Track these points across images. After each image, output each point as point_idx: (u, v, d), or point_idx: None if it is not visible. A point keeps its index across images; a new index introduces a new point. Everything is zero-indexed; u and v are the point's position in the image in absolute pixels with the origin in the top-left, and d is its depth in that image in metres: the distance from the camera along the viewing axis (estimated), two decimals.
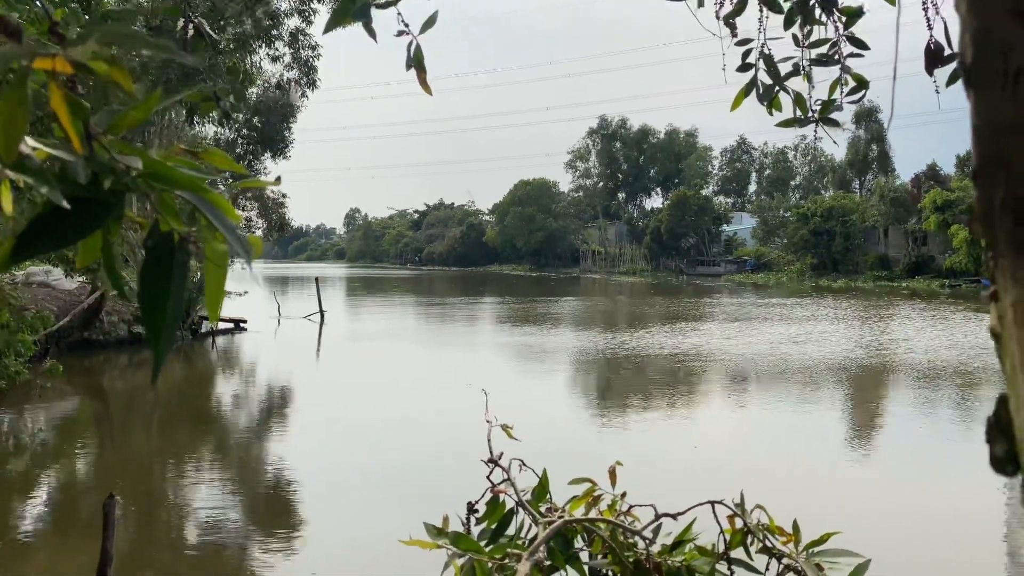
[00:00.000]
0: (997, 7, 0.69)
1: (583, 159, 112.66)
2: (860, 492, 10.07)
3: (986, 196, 0.74)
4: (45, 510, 9.80)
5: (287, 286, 62.36)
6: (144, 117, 0.88)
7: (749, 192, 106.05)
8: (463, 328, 32.53)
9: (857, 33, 3.24)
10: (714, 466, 10.90)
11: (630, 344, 24.73)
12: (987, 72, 0.72)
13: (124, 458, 12.38)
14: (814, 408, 15.36)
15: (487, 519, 2.43)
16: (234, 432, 14.38)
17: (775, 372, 19.27)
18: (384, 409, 15.34)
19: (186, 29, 3.32)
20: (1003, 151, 0.71)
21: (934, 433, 13.60)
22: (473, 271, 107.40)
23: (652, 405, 15.81)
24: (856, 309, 38.59)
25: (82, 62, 0.76)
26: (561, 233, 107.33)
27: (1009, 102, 0.70)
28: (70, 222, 0.85)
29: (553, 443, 11.19)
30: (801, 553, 2.25)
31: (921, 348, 23.10)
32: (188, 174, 0.83)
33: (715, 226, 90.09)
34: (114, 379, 20.43)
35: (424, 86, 2.42)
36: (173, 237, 0.86)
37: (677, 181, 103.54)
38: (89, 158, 0.84)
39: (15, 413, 14.94)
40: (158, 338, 0.87)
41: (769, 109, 3.11)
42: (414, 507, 8.84)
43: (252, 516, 9.53)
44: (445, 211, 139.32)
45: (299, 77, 25.69)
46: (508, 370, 20.56)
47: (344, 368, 22.28)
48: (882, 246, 69.40)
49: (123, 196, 0.85)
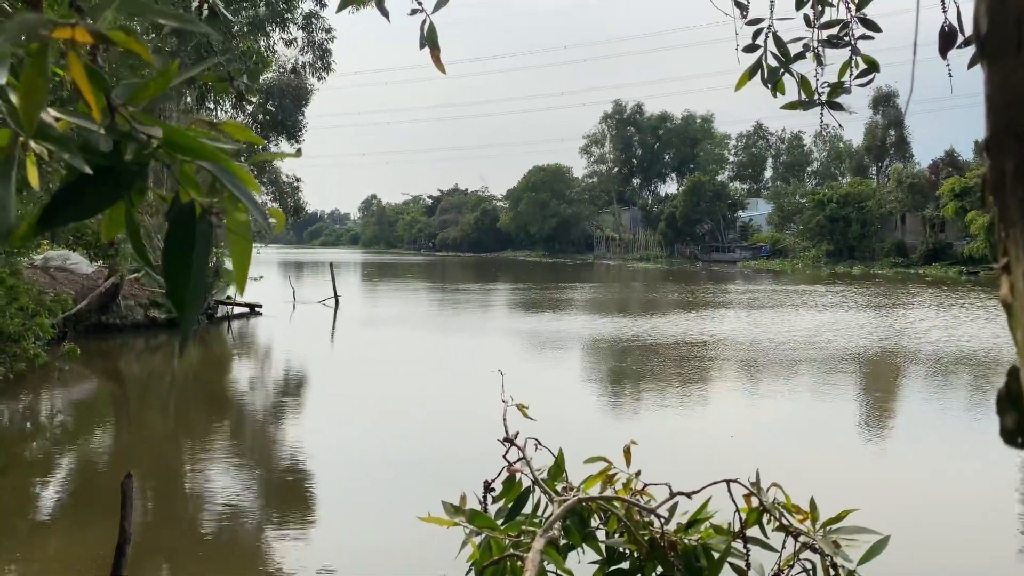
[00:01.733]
0: None
1: (598, 144, 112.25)
2: (878, 472, 10.06)
3: (998, 166, 0.75)
4: (64, 490, 9.94)
5: (302, 271, 62.61)
6: (163, 89, 0.90)
7: (765, 178, 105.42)
8: (478, 314, 32.57)
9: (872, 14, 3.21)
10: (730, 447, 10.90)
11: (646, 330, 24.71)
12: (1001, 42, 0.72)
13: (141, 440, 12.51)
14: (832, 392, 15.33)
15: (504, 498, 2.45)
16: (249, 415, 14.50)
17: (792, 358, 19.22)
18: (399, 392, 15.42)
19: (200, 9, 3.34)
20: (1015, 120, 0.71)
21: (953, 415, 13.54)
22: (487, 257, 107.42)
23: (668, 389, 15.81)
24: (873, 296, 38.37)
25: (102, 32, 0.78)
26: (575, 219, 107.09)
27: (1022, 71, 0.70)
28: (94, 192, 0.86)
29: (569, 424, 11.21)
30: (818, 531, 2.25)
31: (939, 334, 22.97)
32: (209, 144, 0.84)
33: (730, 212, 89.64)
34: (131, 362, 20.61)
35: (438, 64, 2.42)
36: (195, 208, 0.87)
37: (692, 167, 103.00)
38: (111, 128, 0.85)
39: (34, 395, 15.12)
40: (184, 310, 0.89)
41: (773, 91, 3.09)
42: (431, 488, 8.89)
43: (267, 498, 9.62)
44: (459, 197, 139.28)
45: (313, 61, 25.68)
46: (524, 355, 20.59)
47: (359, 352, 22.38)
48: (899, 233, 68.85)
49: (146, 166, 0.87)
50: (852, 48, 3.22)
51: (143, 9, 0.82)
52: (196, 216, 0.87)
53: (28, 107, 0.79)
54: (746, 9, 3.41)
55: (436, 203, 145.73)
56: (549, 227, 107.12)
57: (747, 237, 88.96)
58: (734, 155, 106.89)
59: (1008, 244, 0.80)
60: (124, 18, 0.91)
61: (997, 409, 0.87)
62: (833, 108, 3.30)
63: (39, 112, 0.79)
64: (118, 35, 0.78)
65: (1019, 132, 0.72)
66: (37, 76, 0.79)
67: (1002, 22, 0.72)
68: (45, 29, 0.77)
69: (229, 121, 0.93)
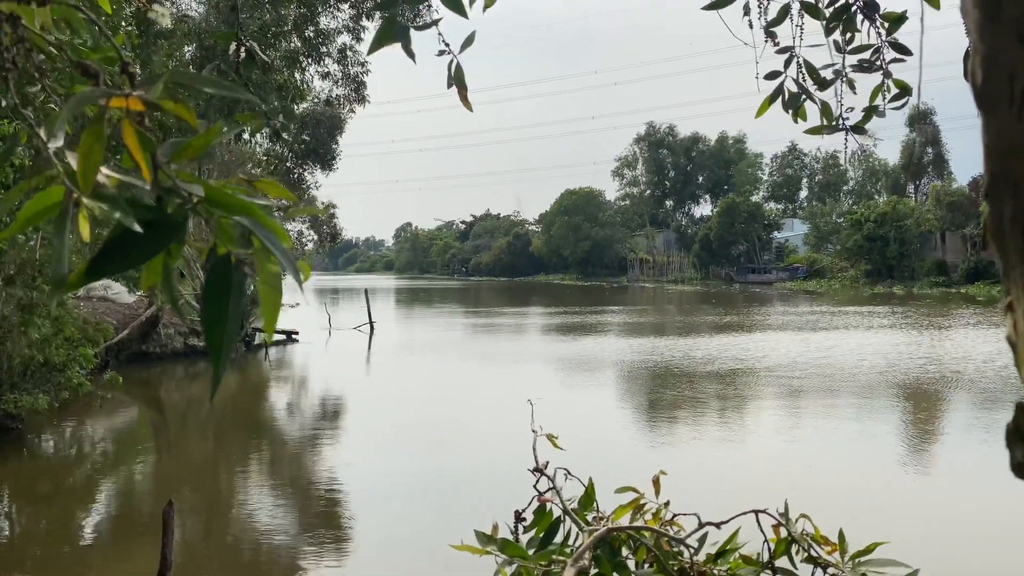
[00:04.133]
0: (1004, 33, 0.73)
1: (630, 167, 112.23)
2: (910, 504, 9.86)
3: (997, 212, 0.77)
4: (106, 517, 10.10)
5: (338, 297, 63.19)
6: (206, 147, 0.96)
7: (800, 198, 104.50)
8: (512, 339, 32.59)
9: (901, 36, 3.22)
10: (761, 477, 10.77)
11: (682, 353, 24.54)
12: (995, 95, 0.75)
13: (181, 466, 12.69)
14: (867, 420, 15.07)
15: (534, 527, 2.47)
16: (287, 441, 14.64)
17: (830, 383, 18.95)
18: (434, 419, 15.47)
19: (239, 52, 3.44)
20: (1011, 170, 0.74)
21: (989, 445, 13.24)
22: (520, 281, 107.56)
23: (702, 415, 15.66)
24: (914, 316, 37.73)
25: (153, 101, 0.84)
26: (608, 242, 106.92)
27: (1016, 123, 0.73)
28: (138, 245, 0.92)
29: (600, 451, 11.18)
30: (847, 563, 2.24)
31: (979, 358, 22.50)
32: (244, 200, 0.90)
33: (766, 233, 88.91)
34: (171, 390, 20.94)
35: (465, 103, 2.48)
36: (230, 259, 0.93)
37: (726, 188, 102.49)
38: (155, 185, 0.91)
39: (77, 423, 15.42)
40: (219, 354, 0.94)
41: (794, 117, 3.11)
42: (464, 516, 8.91)
43: (304, 524, 9.69)
44: (491, 221, 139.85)
45: (348, 93, 26.09)
46: (558, 382, 20.55)
47: (394, 378, 22.50)
48: (939, 251, 67.72)
49: (186, 221, 0.92)
50: (884, 72, 3.23)
51: (191, 80, 0.88)
52: (231, 266, 0.92)
53: (86, 169, 0.85)
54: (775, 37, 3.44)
55: (469, 228, 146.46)
56: (582, 250, 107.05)
57: (783, 258, 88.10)
58: (768, 175, 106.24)
59: (1011, 285, 0.82)
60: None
61: (1007, 443, 0.89)
62: (856, 132, 3.31)
63: (95, 174, 0.86)
64: (167, 104, 0.84)
65: (1015, 180, 0.75)
66: (95, 140, 0.85)
67: (996, 76, 0.75)
68: (103, 99, 0.83)
69: (265, 179, 0.99)
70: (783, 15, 3.34)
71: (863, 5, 3.24)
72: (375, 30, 2.53)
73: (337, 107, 27.02)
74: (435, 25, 2.33)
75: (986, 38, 0.75)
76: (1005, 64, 0.75)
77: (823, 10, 3.26)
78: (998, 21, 0.73)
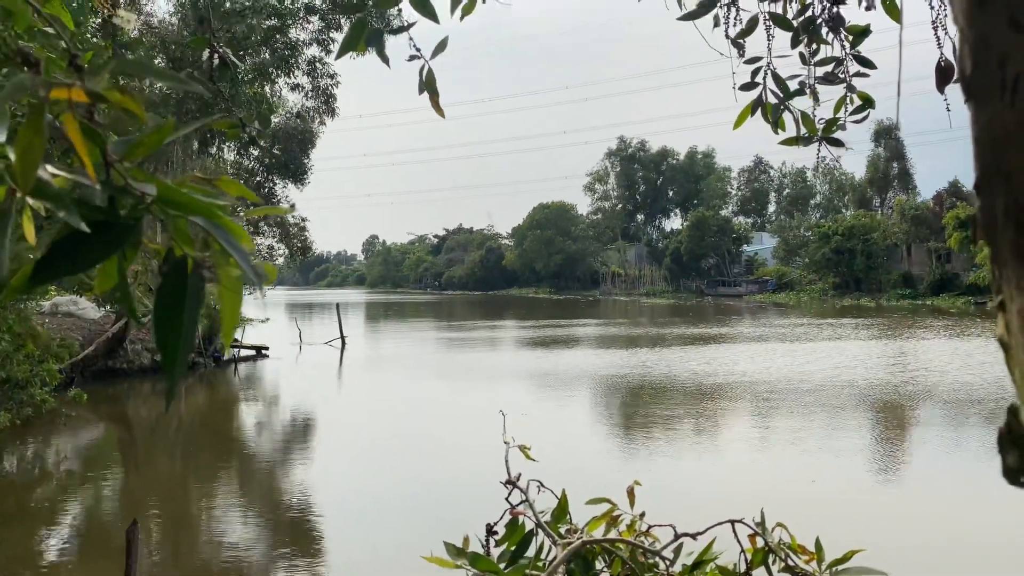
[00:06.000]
0: (995, 16, 0.70)
1: (601, 181, 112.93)
2: (885, 512, 9.92)
3: (988, 206, 0.75)
4: (70, 537, 9.86)
5: (310, 312, 62.70)
6: (158, 144, 0.91)
7: (769, 212, 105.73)
8: (485, 352, 32.50)
9: (867, 51, 3.25)
10: (736, 487, 10.78)
11: (654, 366, 24.61)
12: (986, 82, 0.72)
13: (147, 485, 12.44)
14: (839, 430, 15.18)
15: (506, 540, 2.42)
16: (256, 458, 14.42)
17: (802, 394, 19.08)
18: (405, 433, 15.34)
19: (212, 59, 3.40)
20: (1003, 160, 0.71)
21: (965, 451, 13.39)
22: (493, 295, 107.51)
23: (676, 427, 15.68)
24: (882, 328, 38.20)
25: (97, 91, 0.79)
26: (580, 255, 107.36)
27: (1008, 110, 0.70)
28: (88, 247, 0.87)
29: (573, 464, 11.13)
30: (824, 571, 2.22)
31: (949, 367, 22.80)
32: (201, 200, 0.85)
33: (735, 246, 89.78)
34: (138, 407, 20.58)
35: (437, 109, 2.45)
36: (187, 263, 0.87)
37: (696, 202, 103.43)
38: (106, 184, 0.86)
39: (41, 441, 15.08)
40: (172, 363, 0.89)
41: (774, 128, 3.12)
42: (435, 529, 8.80)
43: (274, 541, 9.53)
44: (464, 235, 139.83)
45: (318, 106, 25.98)
46: (531, 394, 20.49)
47: (365, 393, 22.31)
48: (905, 264, 68.79)
49: (140, 222, 0.87)
50: (847, 85, 3.25)
51: (140, 70, 0.83)
52: (188, 270, 0.87)
53: (25, 165, 0.80)
54: (743, 48, 3.46)
55: (441, 242, 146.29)
56: (554, 264, 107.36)
57: (752, 271, 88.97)
58: (737, 190, 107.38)
59: (1002, 283, 0.80)
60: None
61: (999, 448, 0.86)
62: (832, 144, 3.32)
63: (35, 170, 0.80)
64: (113, 94, 0.79)
65: (1007, 172, 0.72)
66: (34, 135, 0.80)
67: (986, 64, 0.72)
68: (43, 89, 0.78)
69: (224, 177, 0.94)
70: (752, 26, 3.36)
71: (828, 18, 3.26)
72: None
73: (308, 120, 26.88)
74: (407, 30, 2.29)
75: (975, 23, 0.72)
76: (995, 49, 0.72)
77: (791, 22, 3.28)
78: (988, 4, 0.70)
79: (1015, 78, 0.69)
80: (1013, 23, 0.69)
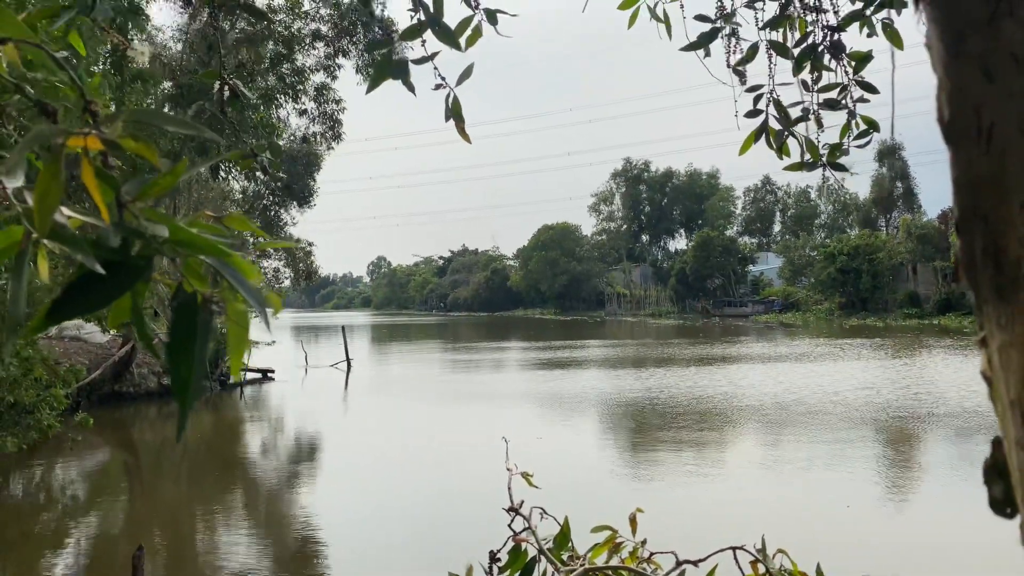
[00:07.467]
0: (968, 68, 0.73)
1: (606, 202, 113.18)
2: (888, 539, 9.85)
3: (968, 246, 0.77)
4: (76, 562, 9.84)
5: (317, 335, 62.75)
6: (172, 185, 0.94)
7: (774, 232, 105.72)
8: (491, 375, 32.45)
9: (871, 71, 3.28)
10: (738, 513, 10.72)
11: (660, 389, 24.54)
12: (963, 128, 0.76)
13: (153, 509, 12.43)
14: (846, 455, 15.10)
15: (509, 568, 2.43)
16: (261, 482, 14.41)
17: (808, 418, 19.01)
18: (410, 457, 15.31)
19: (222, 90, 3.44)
20: (980, 203, 0.74)
21: (972, 478, 13.30)
22: (499, 316, 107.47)
23: (681, 451, 15.63)
24: (889, 348, 38.06)
25: (112, 139, 0.82)
26: (585, 276, 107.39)
27: (983, 156, 0.73)
28: (102, 286, 0.90)
29: (576, 489, 11.10)
30: None
31: (956, 391, 22.69)
32: (211, 240, 0.88)
33: (741, 266, 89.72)
34: (144, 431, 20.59)
35: (463, 135, 2.49)
36: (197, 298, 0.91)
37: (700, 222, 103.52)
38: (119, 225, 0.89)
39: (47, 466, 15.09)
40: (185, 395, 0.92)
41: (779, 153, 3.15)
42: (441, 557, 8.78)
43: (279, 566, 9.50)
44: (469, 257, 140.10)
45: (324, 131, 26.18)
46: (537, 418, 20.45)
47: (370, 417, 22.29)
48: (911, 283, 68.60)
49: (151, 260, 0.90)
50: (849, 111, 3.28)
51: (153, 118, 0.86)
52: (198, 306, 0.90)
53: (42, 210, 0.83)
54: (744, 76, 3.50)
55: (447, 264, 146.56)
56: (560, 285, 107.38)
57: (758, 291, 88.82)
58: (742, 210, 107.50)
59: (984, 320, 0.82)
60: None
61: (984, 480, 0.89)
62: (835, 168, 3.35)
63: (52, 214, 0.83)
64: (128, 142, 0.83)
65: (985, 214, 0.75)
66: (51, 180, 0.83)
67: (962, 111, 0.75)
68: (60, 138, 0.81)
69: (233, 215, 0.97)
70: (752, 54, 3.40)
71: (829, 45, 3.30)
72: (353, 67, 2.55)
73: (314, 144, 27.07)
74: (431, 59, 2.34)
75: (951, 73, 0.76)
76: (971, 99, 0.75)
77: (791, 49, 3.32)
78: (962, 57, 0.73)
79: (990, 126, 0.73)
80: (987, 75, 0.72)
